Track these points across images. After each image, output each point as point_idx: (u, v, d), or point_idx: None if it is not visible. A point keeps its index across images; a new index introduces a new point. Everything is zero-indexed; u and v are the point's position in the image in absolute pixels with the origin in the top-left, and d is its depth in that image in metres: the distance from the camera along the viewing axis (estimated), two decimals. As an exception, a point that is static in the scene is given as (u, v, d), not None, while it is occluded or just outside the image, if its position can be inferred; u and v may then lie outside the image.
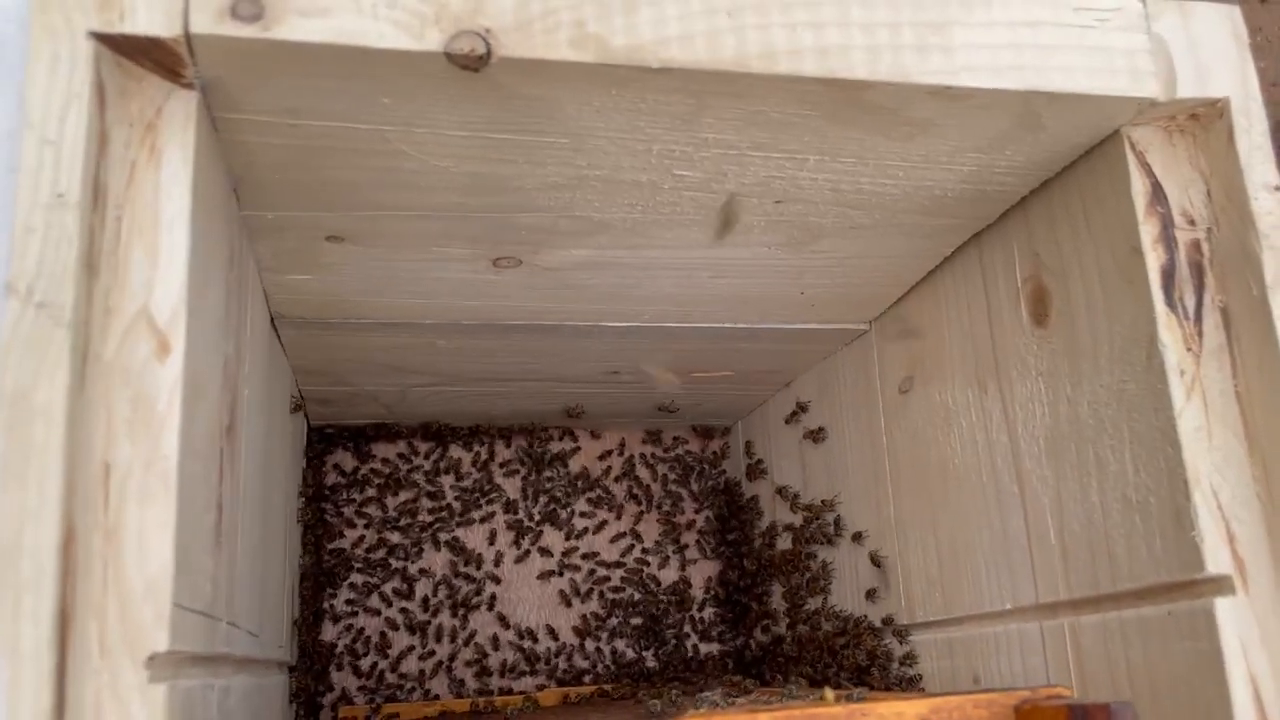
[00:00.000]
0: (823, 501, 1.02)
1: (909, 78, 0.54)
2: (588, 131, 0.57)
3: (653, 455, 1.32)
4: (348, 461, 1.23)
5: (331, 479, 1.22)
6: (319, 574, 1.16)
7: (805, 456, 1.09)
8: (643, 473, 1.31)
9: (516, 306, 0.84)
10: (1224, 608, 0.54)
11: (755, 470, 1.22)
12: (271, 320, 0.83)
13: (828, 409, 1.04)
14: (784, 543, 1.12)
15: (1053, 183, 0.67)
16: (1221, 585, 0.54)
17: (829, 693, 0.52)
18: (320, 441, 1.21)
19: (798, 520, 1.08)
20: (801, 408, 1.09)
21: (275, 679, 0.88)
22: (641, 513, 1.30)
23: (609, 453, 1.30)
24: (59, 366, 0.42)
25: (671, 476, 1.31)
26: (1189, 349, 0.58)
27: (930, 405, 0.83)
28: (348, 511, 1.22)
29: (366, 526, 1.22)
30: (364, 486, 1.23)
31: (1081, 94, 0.57)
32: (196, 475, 0.50)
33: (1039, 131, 0.61)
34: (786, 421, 1.12)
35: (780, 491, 1.13)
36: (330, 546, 1.20)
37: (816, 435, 1.05)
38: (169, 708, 0.44)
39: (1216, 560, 0.54)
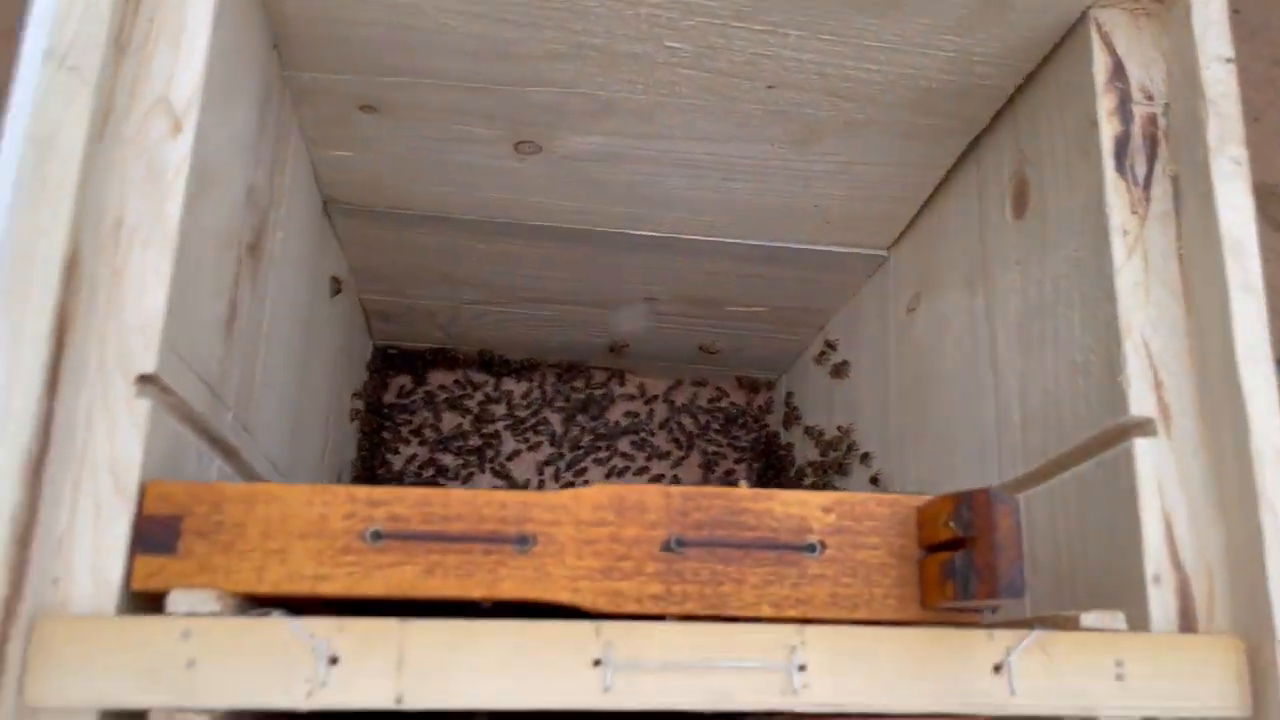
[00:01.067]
0: (839, 428, 1.05)
1: (866, -62, 0.58)
2: (578, -10, 0.63)
3: (696, 404, 1.36)
4: (407, 384, 1.31)
5: (389, 399, 1.31)
6: (370, 480, 1.24)
7: (832, 394, 1.12)
8: (685, 420, 1.35)
9: (542, 202, 0.90)
10: (1143, 448, 0.56)
11: (791, 417, 1.25)
12: (324, 206, 0.91)
13: (852, 344, 1.07)
14: (809, 480, 1.15)
15: (1034, 76, 0.70)
16: (1145, 427, 0.56)
17: (743, 483, 0.56)
18: (383, 361, 1.30)
19: (817, 455, 1.11)
20: (830, 346, 1.12)
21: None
22: (682, 458, 1.34)
23: (654, 398, 1.35)
24: (80, 119, 0.50)
25: (714, 426, 1.35)
26: (1134, 212, 0.60)
27: (931, 318, 0.86)
28: (404, 431, 1.30)
29: (420, 444, 1.30)
30: (420, 409, 1.31)
31: (1041, -33, 0.60)
32: (203, 254, 0.57)
33: (1007, 10, 0.64)
34: (816, 361, 1.16)
35: (808, 431, 1.16)
36: (384, 459, 1.28)
37: (840, 370, 1.08)
38: (152, 422, 0.51)
39: (1141, 404, 0.56)
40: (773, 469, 1.30)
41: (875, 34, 0.66)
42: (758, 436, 1.36)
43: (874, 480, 0.94)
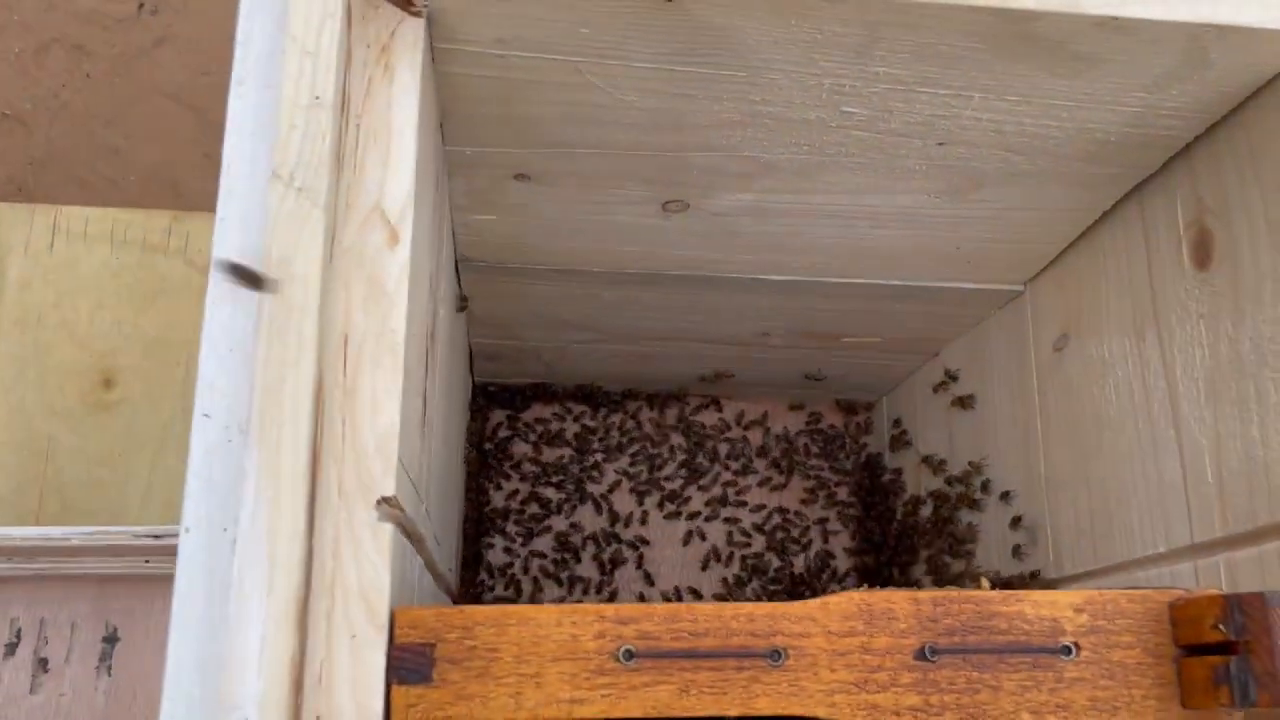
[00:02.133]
0: (970, 464, 1.04)
1: (1077, 8, 0.57)
2: (765, 64, 0.62)
3: (796, 428, 1.35)
4: (506, 419, 1.30)
5: (489, 432, 1.30)
6: (478, 519, 1.24)
7: (952, 425, 1.10)
8: (786, 444, 1.34)
9: (679, 255, 0.89)
10: (1389, 528, 0.54)
11: (899, 441, 1.24)
12: (456, 264, 0.90)
13: (977, 375, 1.06)
14: (927, 510, 1.14)
15: (1217, 128, 0.68)
16: (1387, 507, 0.55)
17: (985, 583, 0.55)
18: (483, 399, 1.29)
19: (942, 486, 1.09)
20: (951, 376, 1.11)
21: (442, 599, 0.95)
22: (784, 483, 1.33)
23: (754, 423, 1.34)
24: (314, 241, 0.49)
25: (814, 449, 1.34)
26: (1358, 278, 0.58)
27: (1085, 359, 0.85)
28: (505, 466, 1.29)
29: (521, 480, 1.29)
30: (520, 441, 1.30)
31: (1252, 28, 0.58)
32: (412, 359, 0.56)
33: (1206, 69, 0.62)
34: (935, 391, 1.14)
35: (926, 460, 1.15)
36: (488, 495, 1.27)
37: (965, 401, 1.07)
38: (395, 546, 0.50)
39: (1382, 482, 0.55)
40: (879, 493, 1.29)
41: (1064, 93, 0.65)
42: (858, 458, 1.35)
43: (1016, 520, 0.93)
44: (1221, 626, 0.48)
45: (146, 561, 1.16)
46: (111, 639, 1.19)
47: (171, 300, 1.35)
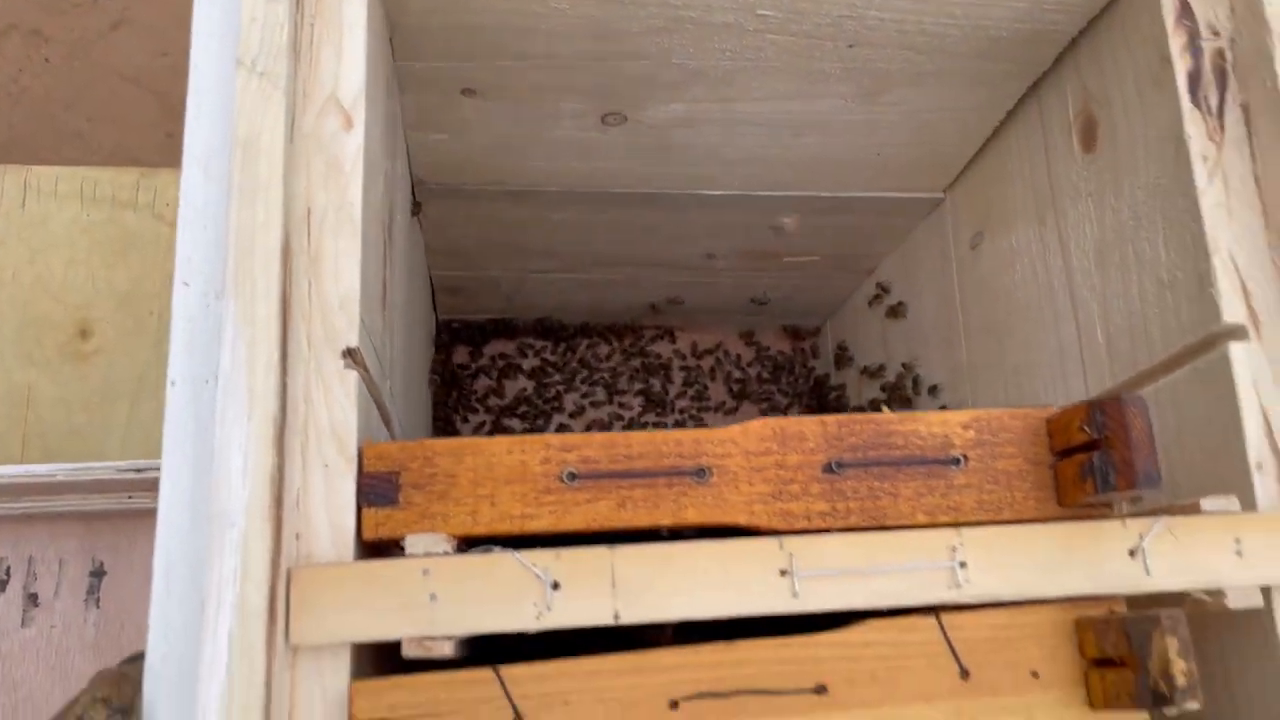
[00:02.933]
0: (903, 365, 1.11)
1: (955, -97, 0.63)
2: (682, -32, 0.68)
3: (748, 358, 1.42)
4: (469, 355, 1.37)
5: (454, 367, 1.36)
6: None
7: (887, 334, 1.18)
8: (737, 371, 1.41)
9: (621, 170, 0.95)
10: (1238, 351, 0.62)
11: (842, 359, 1.31)
12: (413, 188, 0.96)
13: (907, 285, 1.13)
14: (869, 417, 1.21)
15: (1098, 20, 0.76)
16: (1237, 333, 0.62)
17: (885, 409, 0.62)
18: (447, 335, 1.35)
19: (878, 392, 1.17)
20: (883, 288, 1.18)
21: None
22: (737, 406, 1.40)
23: (707, 352, 1.41)
24: (277, 120, 0.55)
25: (765, 374, 1.41)
26: (1211, 140, 0.66)
27: (997, 252, 0.92)
28: (472, 400, 1.35)
29: (487, 413, 1.35)
30: (485, 376, 1.36)
31: (1112, -81, 0.65)
32: (370, 238, 0.63)
33: (1078, -39, 0.69)
34: (870, 305, 1.21)
35: (864, 370, 1.22)
36: (455, 428, 1.34)
37: (897, 310, 1.14)
38: (360, 393, 0.56)
39: (1232, 312, 0.62)
40: (827, 411, 1.36)
41: (954, -10, 0.72)
42: (806, 381, 1.42)
43: (943, 409, 1.00)
44: (1086, 428, 0.56)
45: (129, 497, 1.21)
46: (98, 573, 1.24)
47: (142, 253, 1.39)
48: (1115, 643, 0.53)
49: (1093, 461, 0.55)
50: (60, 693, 1.22)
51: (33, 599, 1.23)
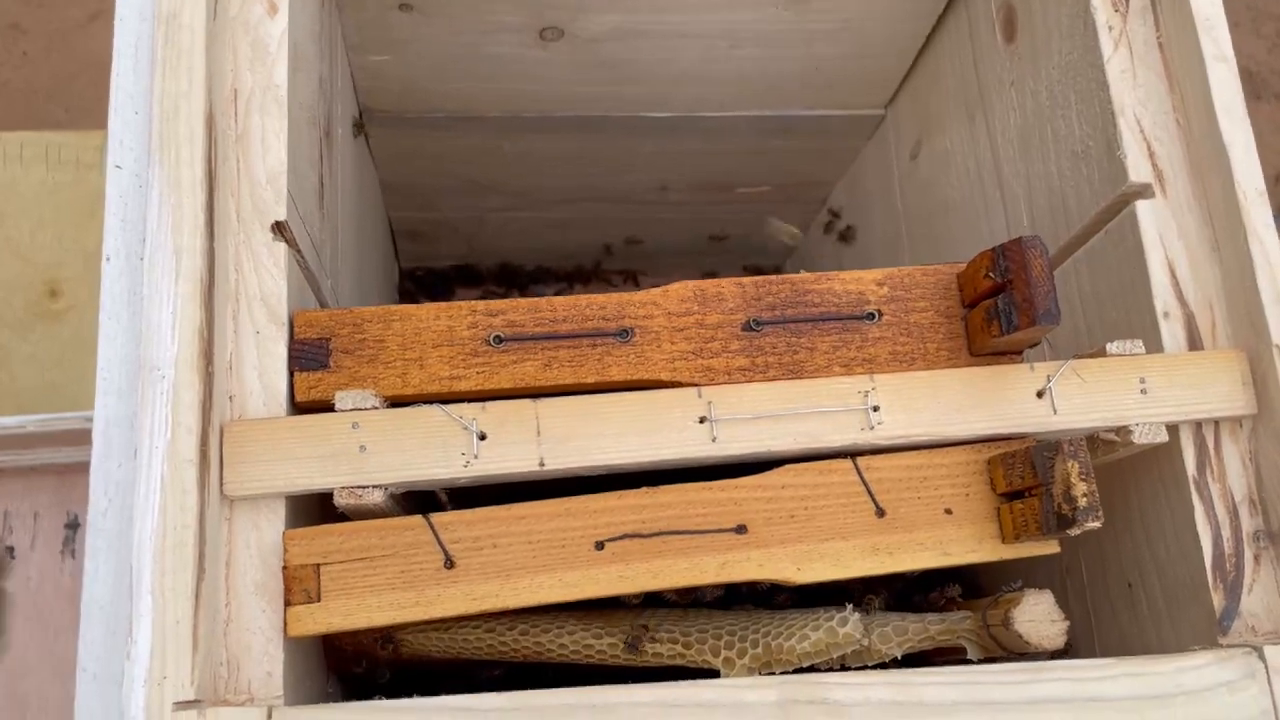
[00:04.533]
0: (854, 285, 1.13)
1: None
2: None
3: (710, 293, 1.44)
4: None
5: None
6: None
7: (841, 259, 1.20)
8: (701, 309, 1.43)
9: (566, 93, 0.97)
10: (1144, 208, 0.64)
11: (802, 292, 1.33)
12: (360, 116, 0.98)
13: (856, 208, 1.15)
14: (826, 343, 1.23)
15: (1013, -88, 0.78)
16: (1143, 191, 0.64)
17: (803, 271, 0.64)
18: (410, 283, 1.37)
19: (836, 315, 1.19)
20: (834, 213, 1.20)
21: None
22: (702, 346, 1.42)
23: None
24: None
25: (728, 313, 1.43)
26: (1116, 10, 0.68)
27: (934, 157, 0.94)
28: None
29: (454, 358, 1.37)
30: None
31: None
32: (301, 127, 0.64)
33: None
34: (825, 233, 1.23)
35: (821, 297, 1.24)
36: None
37: (847, 234, 1.16)
38: (289, 264, 0.58)
39: (1138, 171, 0.64)
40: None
41: (869, -118, 0.74)
42: (770, 319, 1.44)
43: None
44: (991, 274, 0.58)
45: (101, 448, 1.23)
46: (73, 525, 1.26)
47: (108, 214, 1.41)
48: (1022, 473, 0.55)
49: (997, 304, 0.57)
50: (39, 644, 1.24)
51: (9, 551, 1.25)
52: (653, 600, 0.62)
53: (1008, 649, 0.58)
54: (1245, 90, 0.63)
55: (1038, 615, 0.56)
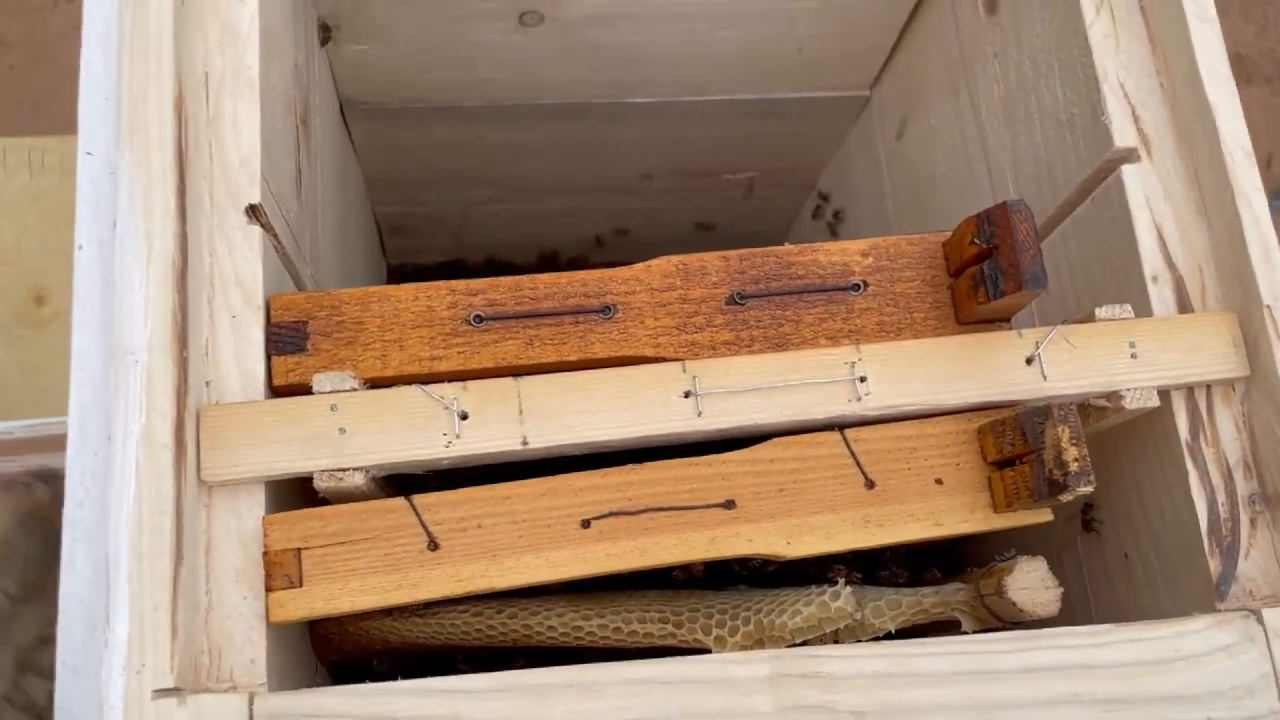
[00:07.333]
0: (843, 269, 1.12)
1: None
2: None
3: (700, 283, 1.43)
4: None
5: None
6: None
7: (830, 244, 1.19)
8: (692, 299, 1.42)
9: (546, 80, 0.96)
10: (1130, 172, 0.63)
11: (792, 279, 1.33)
12: (342, 109, 0.97)
13: (844, 191, 1.14)
14: (817, 329, 1.22)
15: (992, -118, 0.77)
16: (1129, 155, 0.63)
17: (787, 244, 0.63)
18: (398, 279, 1.36)
19: (826, 299, 1.18)
20: (823, 197, 1.19)
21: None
22: (693, 336, 1.41)
23: (660, 284, 1.42)
24: (166, -19, 0.56)
25: (719, 303, 1.43)
26: (1098, -25, 0.67)
27: (919, 134, 0.93)
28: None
29: (444, 354, 1.36)
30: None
31: None
32: (275, 112, 0.64)
33: None
34: (813, 217, 1.23)
35: (811, 283, 1.23)
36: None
37: (837, 217, 1.15)
38: (264, 248, 0.57)
39: (1123, 136, 0.64)
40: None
41: None
42: (761, 308, 1.43)
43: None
44: (976, 240, 0.57)
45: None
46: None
47: (92, 218, 1.40)
48: (1013, 440, 0.54)
49: (983, 270, 0.56)
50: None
51: (-2, 558, 1.23)
52: (643, 581, 0.61)
53: (1003, 619, 0.57)
54: (1235, 74, 0.62)
55: (1031, 582, 0.55)
